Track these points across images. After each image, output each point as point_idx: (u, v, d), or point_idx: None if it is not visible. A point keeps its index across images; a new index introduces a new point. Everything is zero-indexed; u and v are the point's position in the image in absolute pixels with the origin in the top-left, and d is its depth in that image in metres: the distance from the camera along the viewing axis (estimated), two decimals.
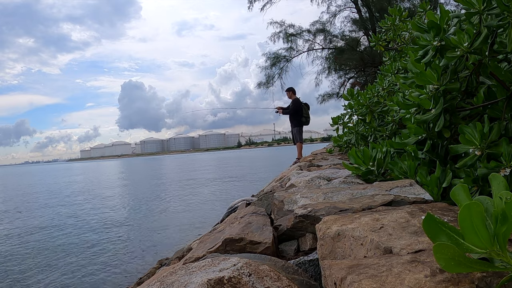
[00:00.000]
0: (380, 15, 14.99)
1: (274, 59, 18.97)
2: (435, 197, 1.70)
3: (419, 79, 1.81)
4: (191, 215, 9.12)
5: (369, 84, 5.33)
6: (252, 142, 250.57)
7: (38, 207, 13.09)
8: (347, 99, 4.64)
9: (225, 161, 43.30)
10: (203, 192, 13.50)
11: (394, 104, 2.65)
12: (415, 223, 1.06)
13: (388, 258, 0.82)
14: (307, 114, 8.02)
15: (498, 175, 0.75)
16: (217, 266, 1.07)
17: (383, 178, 2.30)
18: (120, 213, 10.30)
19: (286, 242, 1.62)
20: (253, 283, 0.96)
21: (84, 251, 6.46)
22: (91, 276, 5.10)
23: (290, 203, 1.90)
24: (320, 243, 1.15)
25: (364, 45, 17.69)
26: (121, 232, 7.77)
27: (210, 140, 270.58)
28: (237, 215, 2.12)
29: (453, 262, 0.60)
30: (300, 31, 18.34)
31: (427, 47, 1.75)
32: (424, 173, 1.85)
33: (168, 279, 1.04)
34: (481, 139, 1.47)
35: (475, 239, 0.61)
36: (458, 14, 1.76)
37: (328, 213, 1.42)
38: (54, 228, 8.74)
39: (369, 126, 3.87)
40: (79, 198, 15.00)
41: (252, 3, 18.44)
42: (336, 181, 2.40)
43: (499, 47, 1.56)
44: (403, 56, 4.12)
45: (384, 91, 3.76)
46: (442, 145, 1.94)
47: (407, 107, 2.10)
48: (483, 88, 1.70)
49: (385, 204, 1.46)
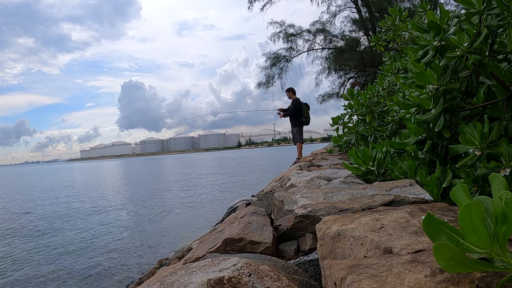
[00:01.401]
0: (380, 15, 14.99)
1: (274, 59, 18.98)
2: (435, 197, 1.70)
3: (419, 79, 1.81)
4: (191, 215, 9.12)
5: (369, 84, 5.33)
6: (252, 142, 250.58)
7: (38, 207, 13.09)
8: (347, 99, 4.64)
9: (225, 161, 43.31)
10: (202, 192, 13.50)
11: (394, 104, 2.65)
12: (415, 223, 1.06)
13: (388, 258, 0.82)
14: (307, 114, 8.03)
15: (498, 175, 0.75)
16: (217, 266, 1.07)
17: (383, 178, 2.30)
18: (120, 213, 10.30)
19: (286, 242, 1.62)
20: (253, 283, 0.96)
21: (83, 251, 6.46)
22: (91, 276, 5.10)
23: (290, 203, 1.90)
24: (320, 243, 1.15)
25: (364, 45, 17.70)
26: (121, 232, 7.77)
27: (210, 140, 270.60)
28: (237, 215, 2.12)
29: (453, 262, 0.60)
30: (300, 31, 18.35)
31: (427, 47, 1.75)
32: (424, 173, 1.85)
33: (168, 279, 1.04)
34: (481, 139, 1.47)
35: (475, 239, 0.61)
36: (458, 14, 1.76)
37: (328, 213, 1.42)
38: (54, 228, 8.74)
39: (369, 126, 3.87)
40: (79, 198, 15.00)
41: (252, 3, 18.45)
42: (336, 181, 2.40)
43: (499, 47, 1.56)
44: (403, 56, 4.11)
45: (384, 91, 3.76)
46: (442, 145, 1.94)
47: (407, 107, 2.10)
48: (483, 88, 1.70)
49: (385, 204, 1.46)
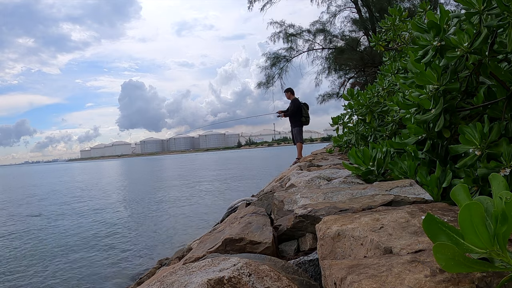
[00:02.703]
0: (380, 15, 14.99)
1: (274, 59, 18.98)
2: (435, 197, 1.70)
3: (419, 79, 1.81)
4: (191, 215, 9.11)
5: (369, 84, 5.33)
6: (252, 142, 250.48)
7: (37, 206, 13.09)
8: (347, 99, 4.64)
9: (225, 161, 43.30)
10: (202, 192, 13.50)
11: (394, 104, 2.65)
12: (415, 223, 1.06)
13: (388, 258, 0.82)
14: (307, 114, 8.03)
15: (498, 175, 0.75)
16: (217, 266, 1.07)
17: (383, 178, 2.30)
18: (120, 213, 10.29)
19: (286, 242, 1.62)
20: (253, 283, 0.96)
21: (83, 251, 6.46)
22: (91, 276, 5.09)
23: (290, 203, 1.90)
24: (320, 243, 1.15)
25: (364, 45, 17.70)
26: (121, 232, 7.77)
27: (210, 140, 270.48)
28: (237, 215, 2.12)
29: (453, 262, 0.60)
30: (300, 31, 18.36)
31: (427, 47, 1.75)
32: (424, 173, 1.85)
33: (168, 279, 1.04)
34: (481, 139, 1.47)
35: (475, 239, 0.61)
36: (458, 14, 1.76)
37: (328, 213, 1.42)
38: (54, 228, 8.74)
39: (369, 126, 3.87)
40: (79, 198, 15.00)
41: (252, 3, 18.45)
42: (336, 181, 2.40)
43: (499, 47, 1.56)
44: (403, 56, 4.11)
45: (384, 91, 3.75)
46: (442, 145, 1.94)
47: (407, 107, 2.10)
48: (483, 88, 1.70)
49: (385, 204, 1.46)
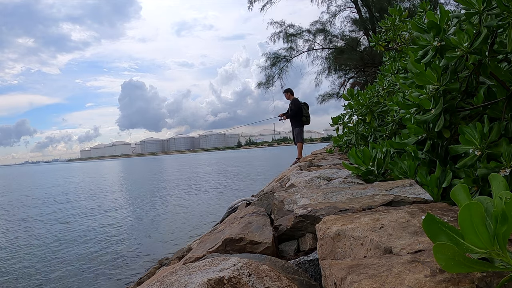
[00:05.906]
0: (380, 15, 14.99)
1: (274, 59, 18.98)
2: (435, 197, 1.70)
3: (419, 79, 1.81)
4: (191, 215, 9.12)
5: (369, 84, 5.33)
6: (252, 142, 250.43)
7: (37, 206, 13.09)
8: (347, 99, 4.64)
9: (225, 161, 43.28)
10: (202, 192, 13.50)
11: (394, 104, 2.65)
12: (415, 223, 1.06)
13: (388, 258, 0.82)
14: (307, 114, 8.03)
15: (498, 175, 0.75)
16: (217, 266, 1.07)
17: (383, 178, 2.30)
18: (120, 213, 10.29)
19: (286, 242, 1.62)
20: (253, 283, 0.96)
21: (84, 250, 6.46)
22: (91, 276, 5.10)
23: (290, 203, 1.90)
24: (320, 243, 1.15)
25: (364, 45, 17.69)
26: (121, 232, 7.77)
27: (210, 140, 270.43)
28: (237, 215, 2.12)
29: (453, 262, 0.60)
30: (300, 31, 18.35)
31: (427, 47, 1.75)
32: (424, 173, 1.85)
33: (168, 279, 1.04)
34: (481, 139, 1.47)
35: (475, 239, 0.61)
36: (458, 14, 1.76)
37: (328, 213, 1.42)
38: (54, 228, 8.74)
39: (369, 126, 3.87)
40: (79, 198, 15.00)
41: (252, 3, 18.45)
42: (336, 181, 2.40)
43: (499, 47, 1.56)
44: (403, 56, 4.11)
45: (384, 91, 3.75)
46: (442, 145, 1.94)
47: (407, 107, 2.10)
48: (483, 88, 1.70)
49: (385, 204, 1.46)
